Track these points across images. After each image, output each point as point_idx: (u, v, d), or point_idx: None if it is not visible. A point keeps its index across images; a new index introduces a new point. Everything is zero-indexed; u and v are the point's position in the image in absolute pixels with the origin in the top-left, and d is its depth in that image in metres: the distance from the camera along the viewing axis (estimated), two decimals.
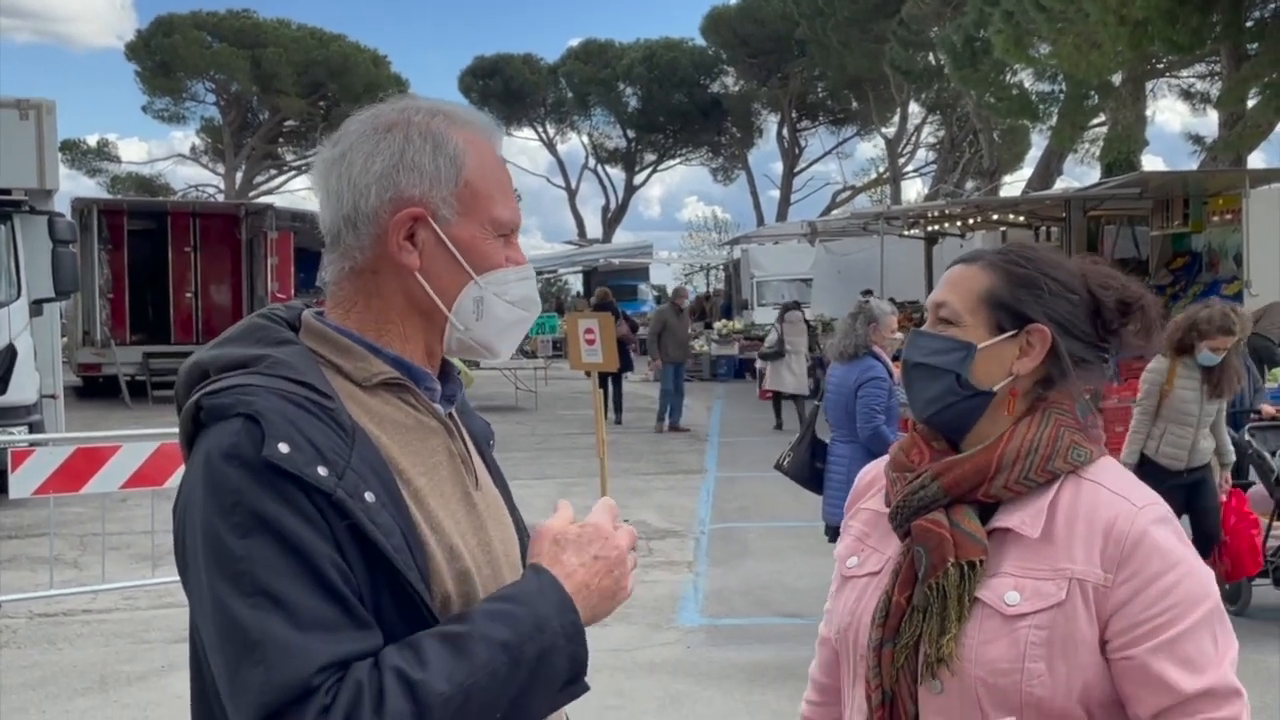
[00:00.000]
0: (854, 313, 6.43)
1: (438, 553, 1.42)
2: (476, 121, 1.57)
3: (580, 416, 18.09)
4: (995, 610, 1.61)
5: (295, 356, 1.43)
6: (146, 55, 47.11)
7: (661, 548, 9.29)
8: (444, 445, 1.52)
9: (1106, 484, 1.67)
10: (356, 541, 1.33)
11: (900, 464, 1.78)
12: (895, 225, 22.36)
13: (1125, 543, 1.59)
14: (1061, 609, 1.58)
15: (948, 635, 1.61)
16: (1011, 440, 1.68)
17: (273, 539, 1.29)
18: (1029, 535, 1.63)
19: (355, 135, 1.51)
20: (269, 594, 1.27)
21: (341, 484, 1.32)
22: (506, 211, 1.54)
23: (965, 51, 24.40)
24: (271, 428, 1.31)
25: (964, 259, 1.83)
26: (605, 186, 58.65)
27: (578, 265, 40.97)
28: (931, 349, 1.76)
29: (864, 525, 1.87)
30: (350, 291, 1.51)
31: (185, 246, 22.84)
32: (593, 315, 10.20)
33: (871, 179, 51.00)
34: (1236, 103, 20.49)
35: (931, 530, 1.66)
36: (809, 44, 38.62)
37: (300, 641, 1.26)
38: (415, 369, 1.51)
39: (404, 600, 1.35)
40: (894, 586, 1.69)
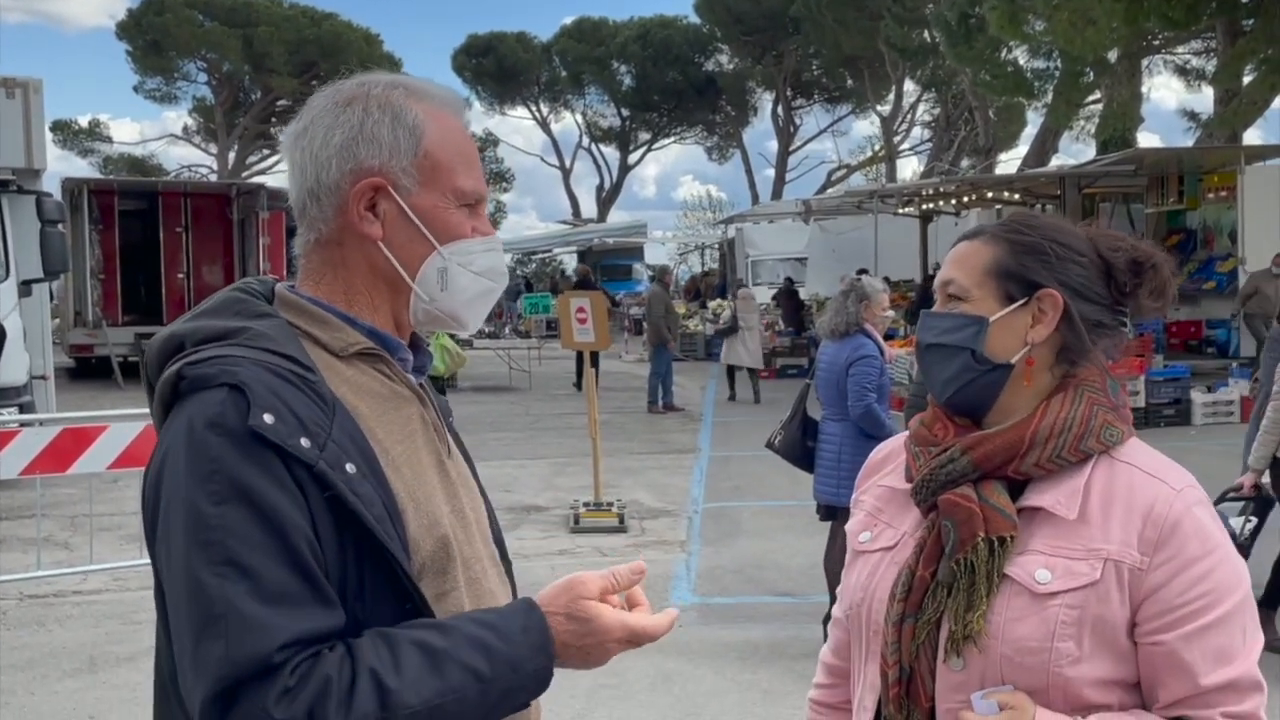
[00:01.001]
0: (845, 290, 6.39)
1: (415, 521, 1.43)
2: (438, 94, 1.58)
3: (573, 396, 18.07)
4: (1025, 588, 1.58)
5: (275, 329, 1.44)
6: (138, 34, 46.90)
7: (654, 527, 9.27)
8: (418, 414, 1.54)
9: (1141, 465, 1.64)
10: (336, 513, 1.34)
11: (924, 438, 1.74)
12: (890, 203, 22.35)
13: (1164, 525, 1.56)
14: (1094, 589, 1.56)
15: (976, 611, 1.57)
16: (1045, 417, 1.64)
17: (248, 509, 1.30)
18: (1065, 516, 1.60)
19: (317, 110, 1.53)
20: (237, 564, 1.28)
21: (323, 455, 1.34)
22: (469, 181, 1.55)
23: (960, 28, 24.33)
24: (256, 398, 1.33)
25: (966, 235, 1.79)
26: (600, 165, 58.66)
27: (572, 245, 40.94)
28: (943, 328, 1.72)
29: (877, 501, 1.84)
30: (318, 263, 1.53)
31: (177, 227, 22.75)
32: (584, 294, 10.17)
33: (866, 157, 50.97)
34: (1232, 79, 20.46)
35: (960, 504, 1.62)
36: (804, 21, 38.55)
37: (263, 616, 1.27)
38: (389, 339, 1.53)
39: (384, 571, 1.37)
40: (918, 561, 1.66)
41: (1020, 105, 32.40)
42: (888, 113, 44.08)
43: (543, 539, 8.74)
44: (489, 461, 12.21)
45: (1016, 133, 38.48)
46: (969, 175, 28.10)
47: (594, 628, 1.46)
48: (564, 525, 9.20)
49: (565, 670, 1.50)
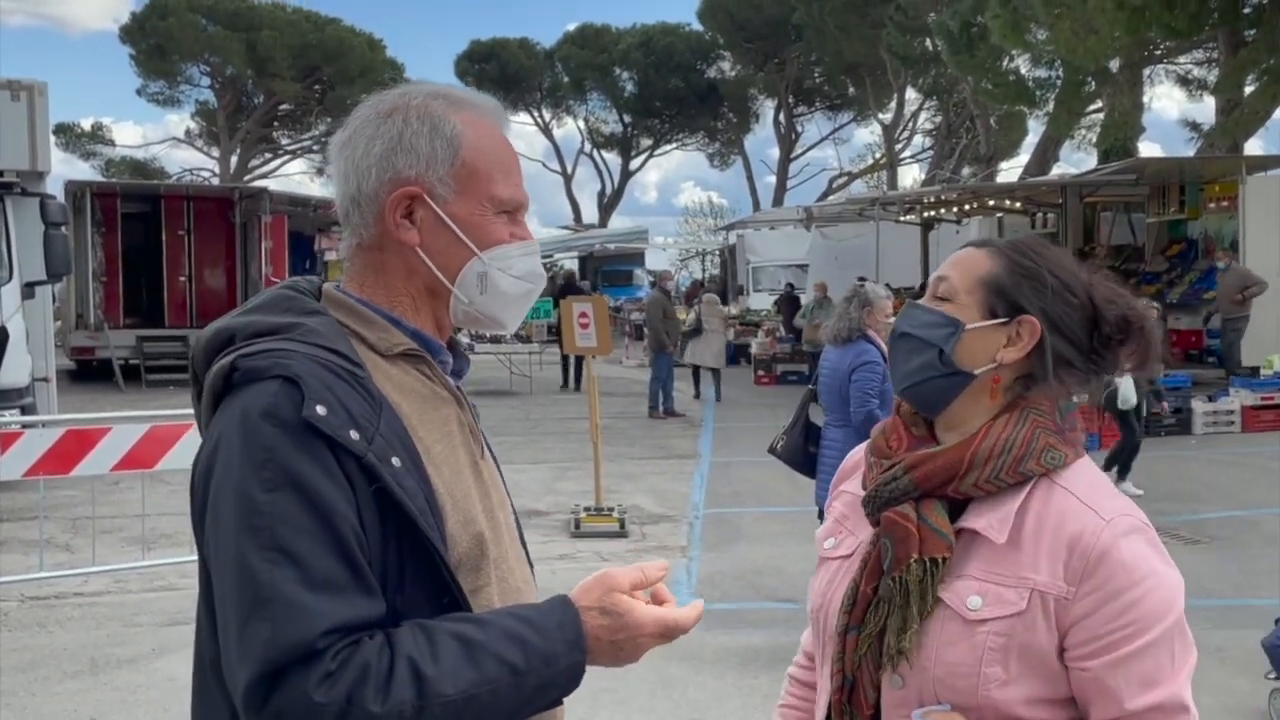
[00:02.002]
0: (848, 296, 6.41)
1: (453, 517, 1.48)
2: (479, 103, 1.63)
3: (574, 401, 18.08)
4: (957, 613, 1.60)
5: (326, 326, 1.50)
6: (141, 38, 46.92)
7: (655, 532, 9.28)
8: (455, 415, 1.59)
9: (1077, 492, 1.64)
10: (381, 505, 1.39)
11: (880, 449, 1.77)
12: (891, 211, 22.36)
13: (1090, 557, 1.57)
14: (1021, 618, 1.58)
15: (908, 631, 1.61)
16: (986, 438, 1.65)
17: (299, 496, 1.35)
18: (995, 540, 1.61)
19: (360, 120, 1.59)
20: (286, 551, 1.33)
21: (372, 448, 1.39)
22: (507, 190, 1.60)
23: (962, 37, 24.35)
24: (310, 390, 1.38)
25: (975, 242, 1.82)
26: (601, 171, 58.68)
27: (573, 250, 40.93)
28: (920, 321, 1.75)
29: (844, 507, 1.87)
30: (360, 266, 1.59)
31: (179, 230, 22.78)
32: (586, 299, 10.18)
33: (868, 165, 50.97)
34: (1233, 89, 20.48)
35: (899, 523, 1.65)
36: (806, 29, 38.58)
37: (309, 601, 1.31)
38: (431, 341, 1.59)
39: (425, 562, 1.41)
40: (861, 576, 1.69)
41: (1021, 114, 32.43)
42: (889, 120, 44.11)
43: (543, 543, 8.74)
44: None
45: (1018, 141, 38.50)
46: (970, 183, 28.12)
47: (627, 622, 1.48)
48: (565, 530, 9.20)
49: None
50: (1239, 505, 9.89)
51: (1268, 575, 7.65)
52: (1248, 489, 10.61)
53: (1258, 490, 10.58)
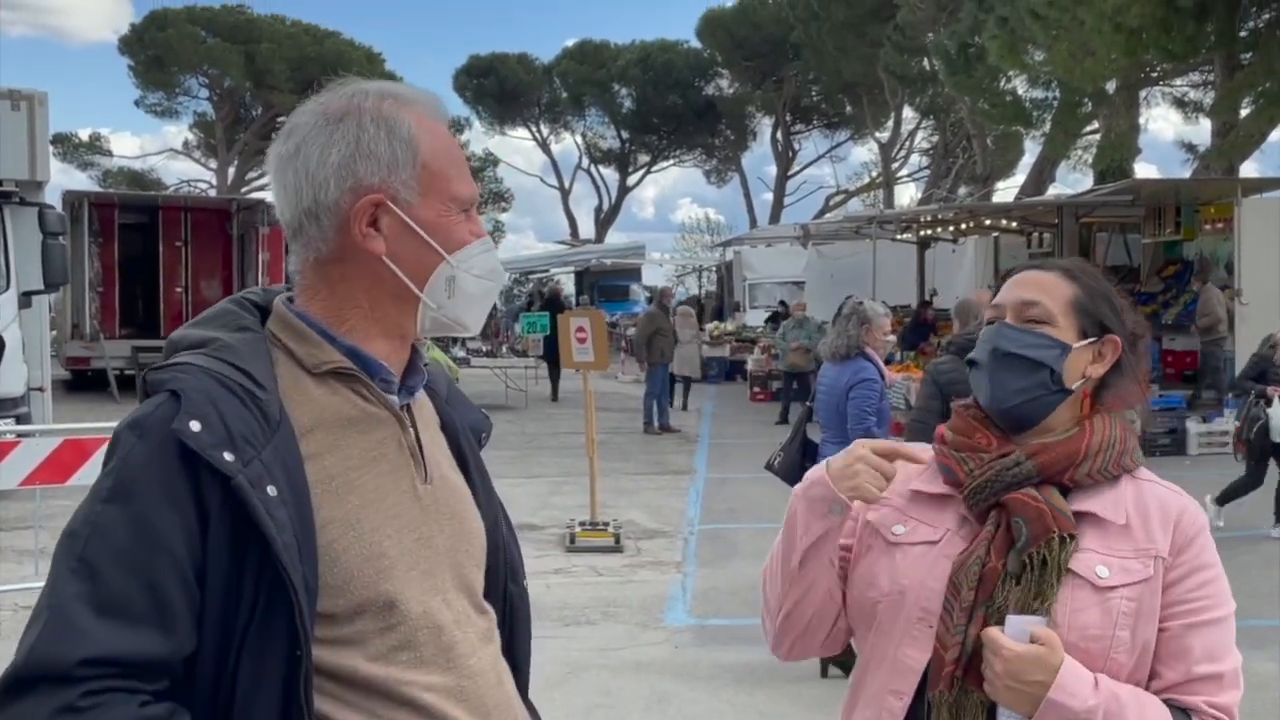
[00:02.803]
0: (847, 314, 6.42)
1: (351, 551, 1.41)
2: (424, 100, 1.58)
3: (570, 415, 18.07)
4: (1087, 581, 1.75)
5: (245, 343, 1.45)
6: (140, 49, 46.99)
7: (650, 548, 9.28)
8: (393, 437, 1.51)
9: (1163, 484, 1.88)
10: (244, 533, 1.33)
11: (967, 445, 1.88)
12: (888, 229, 22.39)
13: (1189, 532, 1.81)
14: (1148, 584, 1.76)
15: (1044, 599, 1.73)
16: (1094, 434, 1.84)
17: (127, 513, 1.30)
18: (1115, 521, 1.80)
19: (307, 128, 1.52)
20: (90, 564, 1.28)
21: (245, 471, 1.32)
22: (465, 187, 1.56)
23: (960, 57, 24.43)
24: (189, 405, 1.33)
25: (1035, 266, 1.96)
26: (598, 187, 58.72)
27: (570, 265, 40.95)
28: (1026, 342, 1.86)
29: (904, 500, 1.93)
30: (314, 280, 1.53)
31: (176, 241, 22.77)
32: (584, 314, 10.19)
33: (865, 183, 51.07)
34: (1229, 112, 20.56)
35: (1029, 503, 1.78)
36: (804, 48, 38.66)
37: (86, 622, 1.26)
38: (370, 360, 1.51)
39: (283, 604, 1.34)
40: (988, 553, 1.78)
41: (1018, 134, 32.49)
42: (886, 139, 44.22)
43: (538, 558, 8.74)
44: None
45: (1014, 161, 38.55)
46: (967, 203, 28.18)
47: None
48: (559, 544, 9.20)
49: (560, 689, 1.51)
50: (1234, 526, 9.90)
51: (1266, 597, 7.65)
52: (1242, 510, 10.61)
53: (1253, 511, 10.59)
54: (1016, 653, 1.68)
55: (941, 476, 1.90)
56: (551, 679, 6.00)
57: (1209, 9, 17.96)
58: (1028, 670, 1.67)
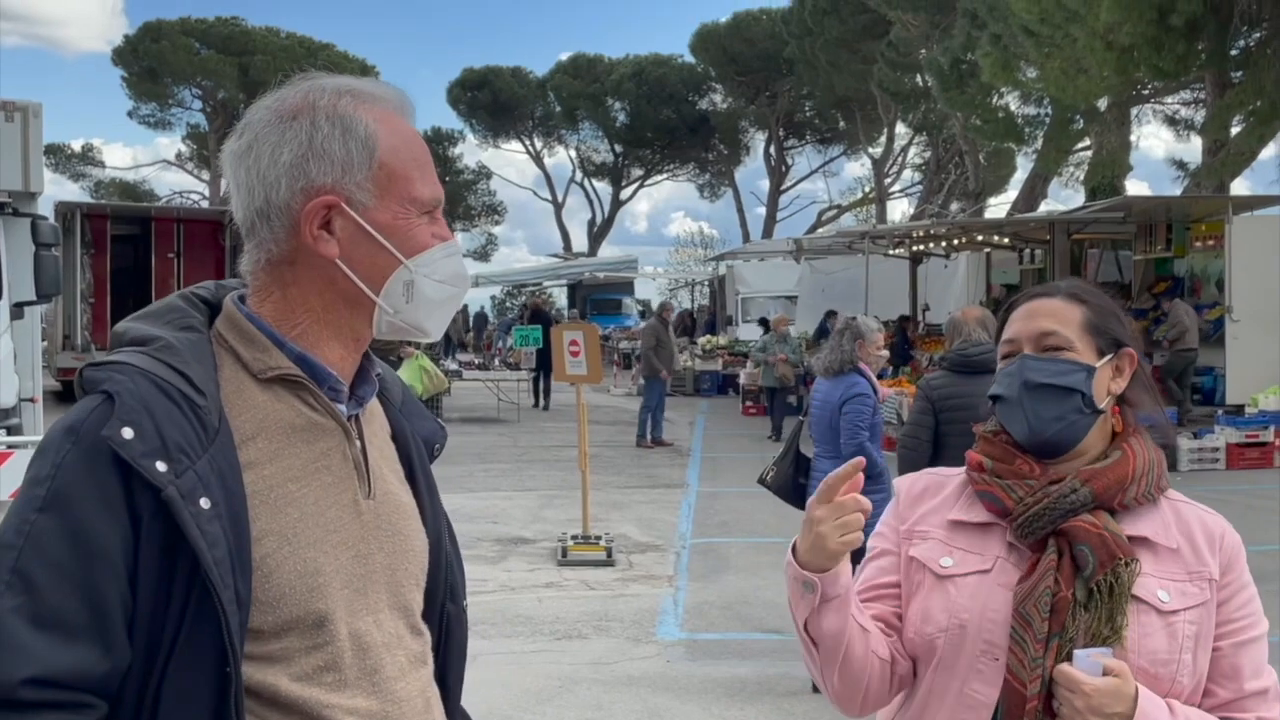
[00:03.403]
0: (840, 329, 6.44)
1: (286, 566, 1.37)
2: (386, 96, 1.50)
3: (562, 428, 18.07)
4: (1152, 606, 1.77)
5: (189, 344, 1.39)
6: (134, 61, 47.06)
7: (642, 562, 9.27)
8: (338, 448, 1.46)
9: (1194, 503, 1.92)
10: (171, 544, 1.28)
11: (1011, 472, 1.87)
12: (880, 244, 22.46)
13: (1231, 551, 1.85)
14: (1205, 607, 1.79)
15: (1115, 626, 1.74)
16: (1136, 456, 1.86)
17: (63, 522, 1.25)
18: (1166, 545, 1.82)
19: (260, 124, 1.45)
20: (25, 577, 1.23)
21: (177, 482, 1.27)
22: (427, 189, 1.49)
23: (953, 74, 24.52)
24: (123, 410, 1.28)
25: (1039, 293, 1.99)
26: (592, 200, 58.84)
27: (563, 279, 40.97)
28: (1055, 371, 1.87)
29: (945, 531, 1.92)
30: (266, 281, 1.47)
31: (169, 252, 22.73)
32: (578, 327, 10.20)
33: (857, 198, 51.21)
34: (1220, 130, 20.65)
35: (1091, 531, 1.78)
36: (797, 63, 38.77)
37: (26, 638, 1.21)
38: (319, 368, 1.45)
39: (211, 620, 1.29)
40: (1056, 582, 1.77)
41: (1010, 150, 32.64)
42: (879, 155, 44.34)
43: (530, 571, 8.73)
44: (476, 493, 12.20)
45: (1006, 177, 38.70)
46: (959, 218, 28.26)
47: None
48: (551, 558, 9.19)
49: (551, 704, 1.49)
50: None
51: None
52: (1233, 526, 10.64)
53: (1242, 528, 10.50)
54: (1096, 687, 1.67)
55: (983, 504, 1.89)
56: (543, 693, 5.99)
57: (1200, 28, 18.05)
58: (1108, 704, 1.68)
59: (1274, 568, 8.97)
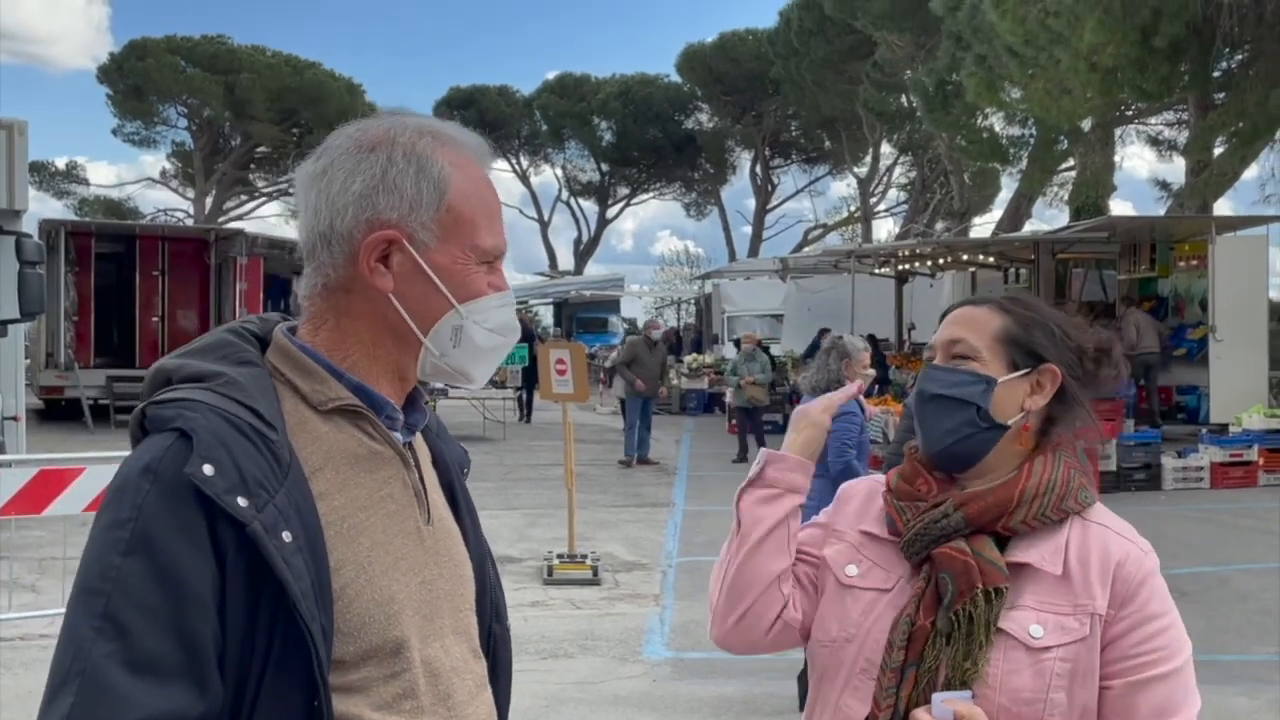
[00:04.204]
0: (826, 348, 6.46)
1: (364, 595, 1.37)
2: (467, 142, 1.52)
3: (549, 447, 18.04)
4: (1019, 641, 1.67)
5: (251, 378, 1.39)
6: (119, 78, 46.92)
7: (628, 581, 9.25)
8: (398, 477, 1.47)
9: (1111, 526, 1.78)
10: (257, 580, 1.28)
11: (908, 494, 1.82)
12: (866, 263, 22.52)
13: (1133, 582, 1.71)
14: (1085, 643, 1.67)
15: (974, 660, 1.65)
16: (1030, 477, 1.75)
17: (151, 565, 1.24)
18: (1051, 571, 1.71)
19: (338, 151, 1.46)
20: (117, 622, 1.22)
21: (260, 517, 1.27)
22: (490, 238, 1.50)
23: (937, 95, 24.68)
24: (201, 446, 1.28)
25: (970, 301, 1.92)
26: (578, 219, 58.91)
27: (549, 297, 40.99)
28: (951, 381, 1.81)
29: (858, 538, 1.88)
30: (322, 308, 1.48)
31: (153, 270, 22.66)
32: (564, 345, 10.20)
33: (843, 217, 51.32)
34: (1203, 151, 20.81)
35: (956, 558, 1.70)
36: (783, 83, 38.95)
37: (124, 685, 1.20)
38: (376, 396, 1.46)
39: (301, 653, 1.29)
40: (918, 610, 1.71)
41: (995, 170, 32.82)
42: (864, 174, 44.54)
43: (515, 590, 8.69)
44: None
45: (991, 197, 38.87)
46: (945, 238, 28.37)
47: None
48: (537, 577, 9.16)
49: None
50: (1208, 561, 9.95)
51: (1237, 632, 7.69)
52: (1216, 545, 10.67)
53: (1226, 546, 10.65)
54: None
55: (886, 526, 1.84)
56: (529, 713, 5.97)
57: (1183, 50, 18.21)
58: None
59: (1256, 587, 9.00)
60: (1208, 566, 9.75)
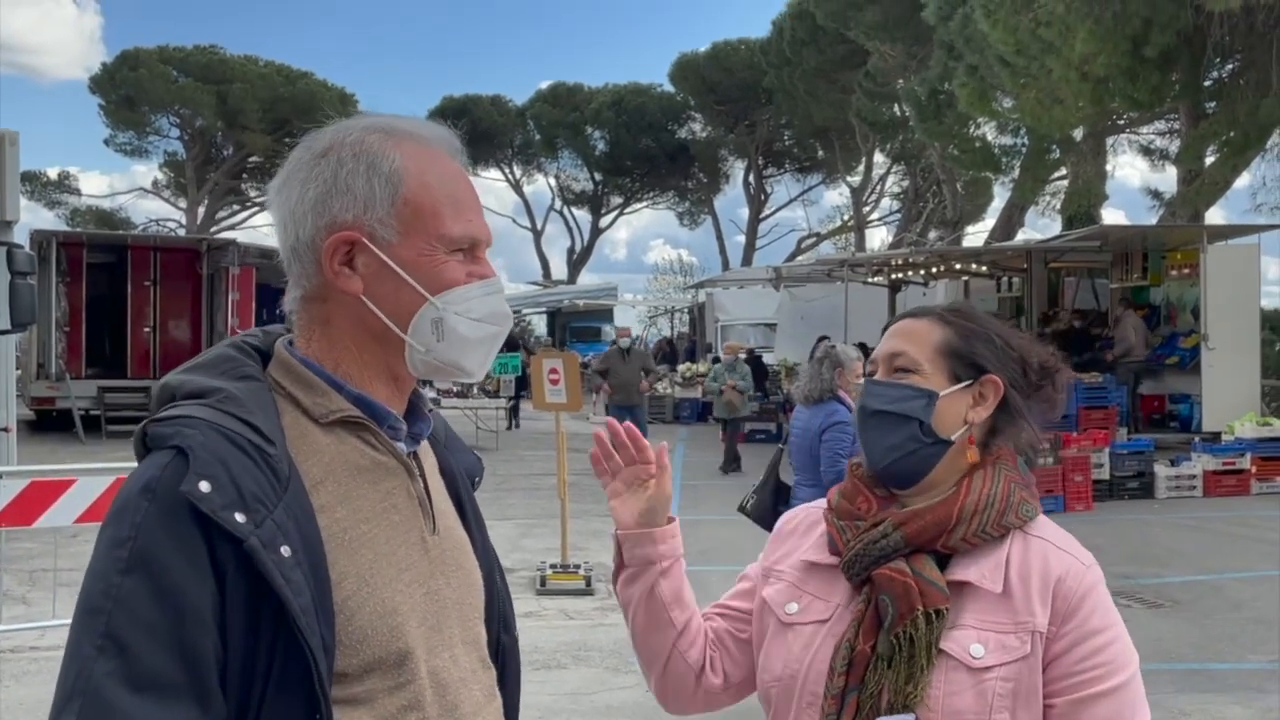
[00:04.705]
0: (820, 357, 6.45)
1: (366, 607, 1.37)
2: (423, 134, 1.50)
3: (542, 457, 18.01)
4: (960, 662, 1.62)
5: (250, 393, 1.39)
6: (111, 89, 46.90)
7: None
8: (402, 487, 1.47)
9: (1053, 540, 1.72)
10: (256, 595, 1.28)
11: (848, 513, 1.78)
12: (859, 272, 22.54)
13: (1073, 598, 1.65)
14: (1026, 662, 1.62)
15: (916, 683, 1.61)
16: (969, 494, 1.71)
17: (151, 583, 1.24)
18: (991, 589, 1.66)
19: (295, 162, 1.48)
20: (118, 640, 1.22)
21: (258, 532, 1.27)
22: (459, 226, 1.47)
23: (930, 104, 24.75)
24: (198, 464, 1.28)
25: (911, 314, 1.87)
26: (571, 228, 58.90)
27: (542, 306, 41.00)
28: (892, 396, 1.77)
29: (798, 572, 1.84)
30: (306, 319, 1.48)
31: (145, 281, 22.64)
32: (557, 355, 10.18)
33: (836, 226, 51.47)
34: (1194, 160, 20.87)
35: (896, 579, 1.66)
36: (776, 93, 39.03)
37: (126, 703, 1.20)
38: (377, 407, 1.46)
39: (301, 668, 1.29)
40: (857, 634, 1.68)
41: (987, 180, 32.87)
42: (858, 183, 44.61)
43: None
44: None
45: (984, 206, 38.96)
46: (938, 247, 28.43)
47: None
48: (530, 587, 9.14)
49: None
50: (1201, 570, 9.95)
51: (1230, 640, 7.68)
52: (1209, 553, 10.68)
53: (1219, 555, 10.65)
54: None
55: (828, 546, 1.80)
56: None
57: (1174, 60, 18.27)
58: None
59: (1250, 595, 9.01)
60: (1201, 575, 9.75)
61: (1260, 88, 18.60)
